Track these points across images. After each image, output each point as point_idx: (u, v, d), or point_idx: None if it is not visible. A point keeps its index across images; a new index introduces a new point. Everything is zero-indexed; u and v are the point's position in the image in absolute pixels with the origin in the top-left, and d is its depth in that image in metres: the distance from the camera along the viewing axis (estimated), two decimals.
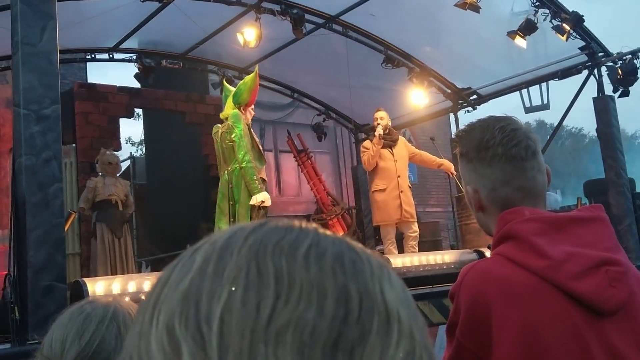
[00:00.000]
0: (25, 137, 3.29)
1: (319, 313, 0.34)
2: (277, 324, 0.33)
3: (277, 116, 11.56)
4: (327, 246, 0.38)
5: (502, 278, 1.13)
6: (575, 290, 1.09)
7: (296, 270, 0.36)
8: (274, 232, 0.38)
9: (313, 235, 0.39)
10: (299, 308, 0.34)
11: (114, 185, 6.82)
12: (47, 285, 3.20)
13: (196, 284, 0.36)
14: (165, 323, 0.35)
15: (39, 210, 3.25)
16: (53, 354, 0.97)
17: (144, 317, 0.37)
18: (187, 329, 0.34)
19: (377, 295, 0.36)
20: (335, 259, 0.37)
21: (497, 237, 1.20)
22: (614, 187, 6.63)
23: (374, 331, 0.35)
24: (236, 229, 0.40)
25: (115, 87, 8.79)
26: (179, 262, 0.39)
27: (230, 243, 0.38)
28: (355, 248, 0.40)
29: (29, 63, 3.36)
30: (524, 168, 1.23)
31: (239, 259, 0.36)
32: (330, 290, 0.35)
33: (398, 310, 0.37)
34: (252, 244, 0.37)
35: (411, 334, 0.37)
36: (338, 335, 0.34)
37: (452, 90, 8.39)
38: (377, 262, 0.39)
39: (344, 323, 0.34)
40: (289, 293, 0.34)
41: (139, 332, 0.37)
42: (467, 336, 1.13)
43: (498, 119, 1.28)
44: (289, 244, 0.37)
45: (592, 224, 1.19)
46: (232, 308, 0.34)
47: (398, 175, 6.30)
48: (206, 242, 0.39)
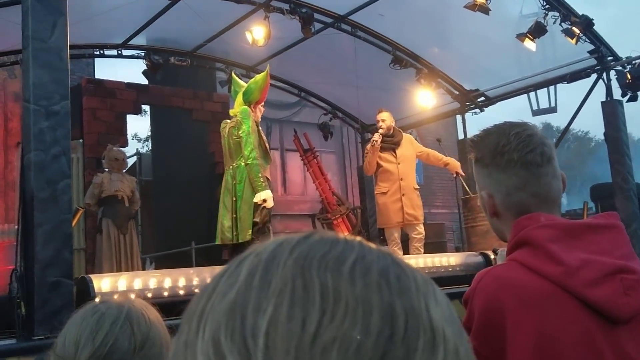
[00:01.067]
0: (35, 132, 3.29)
1: (365, 331, 0.34)
2: (323, 341, 0.33)
3: (283, 115, 11.56)
4: (372, 261, 0.38)
5: (517, 284, 1.13)
6: (590, 298, 1.08)
7: (342, 285, 0.35)
8: (319, 245, 0.38)
9: (359, 250, 0.38)
10: (344, 325, 0.34)
11: (120, 182, 6.84)
12: (54, 281, 3.20)
13: (242, 296, 0.36)
14: (211, 335, 0.35)
15: (47, 206, 3.26)
16: (67, 353, 0.97)
17: (190, 327, 0.37)
18: (234, 342, 0.34)
19: (422, 313, 0.36)
20: (380, 274, 0.37)
21: (513, 243, 1.20)
22: (620, 191, 6.61)
23: (420, 350, 0.34)
24: (282, 241, 0.39)
25: (123, 83, 8.81)
26: (225, 272, 0.39)
27: (276, 255, 0.38)
28: (400, 263, 0.39)
29: (40, 59, 3.37)
30: (539, 174, 1.23)
31: (285, 272, 0.36)
32: (376, 307, 0.35)
33: (444, 329, 0.36)
34: (298, 257, 0.37)
35: (456, 352, 0.36)
36: (383, 354, 0.33)
37: (459, 91, 8.38)
38: (422, 278, 0.39)
39: (390, 342, 0.34)
40: (335, 309, 0.34)
41: (184, 341, 0.37)
42: (481, 341, 1.12)
43: (514, 125, 1.27)
44: (334, 258, 0.37)
45: (608, 232, 1.18)
46: (277, 323, 0.34)
47: (400, 178, 6.25)
48: (252, 253, 0.39)
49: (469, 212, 6.81)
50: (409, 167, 6.37)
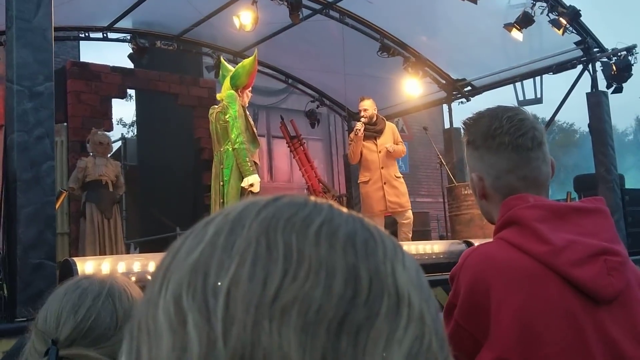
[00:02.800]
0: (18, 113, 3.25)
1: (326, 292, 0.33)
2: (283, 301, 0.33)
3: (270, 101, 11.51)
4: (340, 224, 0.37)
5: (502, 262, 1.14)
6: (574, 277, 1.10)
7: (306, 247, 0.35)
8: (286, 208, 0.38)
9: (327, 213, 0.38)
10: (306, 286, 0.33)
11: (105, 166, 6.78)
12: (37, 263, 3.18)
13: (206, 256, 0.36)
14: (173, 293, 0.35)
15: (30, 187, 3.22)
16: (48, 328, 0.96)
17: (154, 285, 0.37)
18: (194, 300, 0.34)
19: (388, 277, 0.36)
20: (347, 237, 0.36)
21: (501, 222, 1.22)
22: (603, 182, 6.68)
23: (383, 314, 0.34)
24: (250, 203, 0.39)
25: (108, 66, 8.71)
26: (192, 233, 0.39)
27: (242, 216, 0.37)
28: (369, 228, 0.39)
29: (23, 38, 3.32)
30: (529, 158, 1.25)
31: (250, 233, 0.36)
32: (339, 269, 0.34)
33: (409, 294, 0.36)
34: (264, 219, 0.37)
35: (421, 317, 0.36)
36: (344, 315, 0.33)
37: (446, 80, 8.40)
38: (391, 243, 0.38)
39: (352, 304, 0.34)
40: (297, 270, 0.34)
41: (147, 300, 0.37)
42: (466, 318, 1.14)
43: (507, 109, 1.29)
44: (301, 220, 0.37)
45: (594, 215, 1.20)
46: (239, 282, 0.34)
47: (381, 167, 6.25)
48: (220, 215, 0.39)
49: (454, 200, 6.84)
50: (390, 155, 6.34)
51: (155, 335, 0.34)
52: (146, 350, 0.34)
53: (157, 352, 0.34)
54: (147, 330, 0.35)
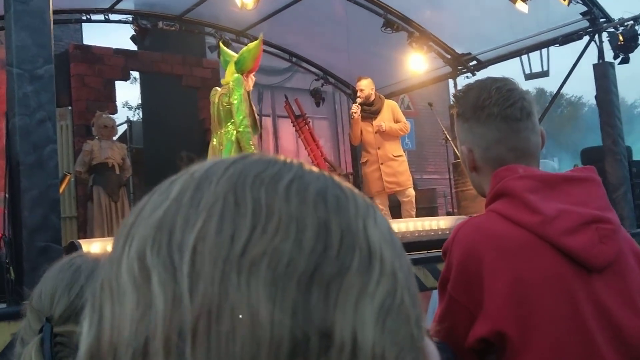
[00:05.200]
0: (19, 97, 3.26)
1: (297, 246, 0.33)
2: (252, 254, 0.32)
3: (275, 81, 11.47)
4: (310, 181, 0.37)
5: (494, 233, 1.14)
6: (566, 246, 1.10)
7: (275, 202, 0.34)
8: (255, 165, 0.37)
9: (297, 170, 0.37)
10: (275, 239, 0.33)
11: (110, 149, 6.81)
12: (43, 246, 3.20)
13: (171, 213, 0.35)
14: (136, 250, 0.34)
15: (34, 171, 3.24)
16: (42, 306, 0.97)
17: (117, 245, 0.36)
18: (159, 256, 0.33)
19: (359, 233, 0.35)
20: (318, 193, 0.36)
21: (491, 194, 1.21)
22: (610, 154, 6.63)
23: (354, 268, 0.34)
24: (216, 161, 0.38)
25: (111, 49, 8.68)
26: (156, 191, 0.38)
27: (209, 174, 0.37)
28: (340, 185, 0.38)
29: (21, 21, 3.31)
30: (518, 129, 1.24)
31: (217, 189, 0.35)
32: (310, 224, 0.34)
33: (381, 249, 0.36)
34: (232, 175, 0.36)
35: (393, 273, 0.36)
36: (315, 269, 0.32)
37: (451, 55, 8.31)
38: (363, 201, 0.38)
39: (322, 257, 0.33)
40: (266, 224, 0.33)
41: (111, 259, 0.36)
42: (459, 290, 1.14)
43: (496, 80, 1.28)
44: (270, 176, 0.36)
45: (585, 184, 1.20)
46: (205, 237, 0.33)
47: (377, 147, 6.23)
48: (185, 173, 0.38)
49: (460, 176, 6.82)
50: (387, 135, 6.28)
51: (118, 293, 0.34)
52: (109, 309, 0.34)
53: (120, 310, 0.33)
54: (109, 289, 0.34)
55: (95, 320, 0.35)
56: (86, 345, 0.35)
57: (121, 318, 0.33)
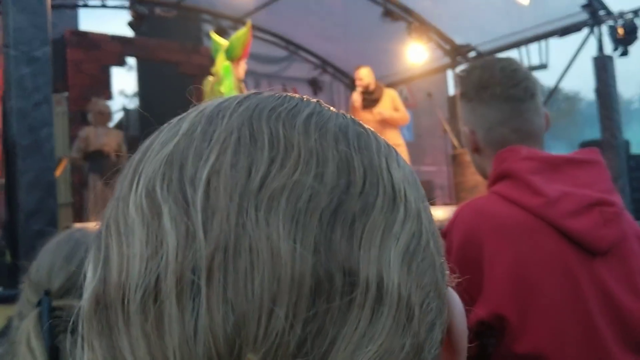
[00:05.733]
0: (16, 79, 3.23)
1: (318, 181, 0.31)
2: (270, 188, 0.30)
3: (272, 69, 11.41)
4: (330, 117, 0.35)
5: (495, 215, 1.13)
6: (569, 228, 1.08)
7: (294, 136, 0.32)
8: (270, 99, 0.35)
9: (315, 105, 0.35)
10: (295, 173, 0.31)
11: (106, 135, 6.77)
12: (39, 230, 3.19)
13: (181, 147, 0.33)
14: (145, 186, 0.32)
15: (30, 153, 3.22)
16: (40, 279, 0.96)
17: (123, 183, 0.34)
18: (170, 191, 0.31)
19: (383, 171, 0.33)
20: (339, 128, 0.34)
21: (494, 175, 1.20)
22: (609, 147, 6.63)
23: (378, 206, 0.32)
24: (228, 97, 0.36)
25: (107, 35, 8.63)
26: (163, 129, 0.36)
27: (221, 108, 0.35)
28: (361, 124, 0.36)
29: (19, 3, 3.28)
30: (520, 110, 1.22)
31: (230, 123, 0.33)
32: (331, 159, 0.32)
33: (406, 190, 0.34)
34: (246, 109, 0.34)
35: (418, 215, 0.34)
36: (338, 205, 0.31)
37: (450, 46, 8.29)
38: (384, 141, 0.36)
39: (346, 193, 0.31)
40: (285, 158, 0.31)
41: (117, 197, 0.34)
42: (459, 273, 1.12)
43: (499, 60, 1.26)
44: (287, 110, 0.34)
45: (588, 166, 1.18)
46: (220, 170, 0.31)
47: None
48: (194, 111, 0.36)
49: (458, 167, 6.82)
50: (387, 123, 6.24)
51: (126, 232, 0.31)
52: (116, 249, 0.32)
53: (128, 249, 0.31)
54: (116, 229, 0.32)
55: (100, 262, 0.32)
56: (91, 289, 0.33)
57: (130, 257, 0.31)
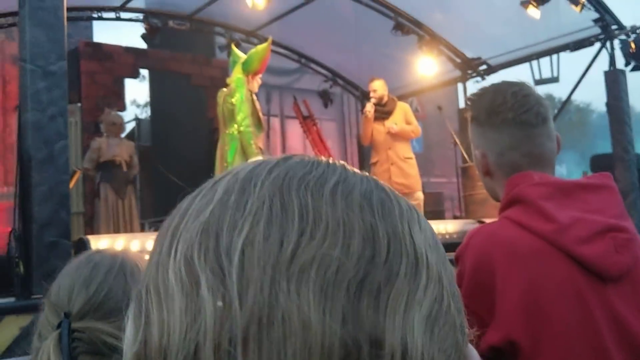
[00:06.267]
0: (32, 92, 3.27)
1: (345, 252, 0.32)
2: (301, 260, 0.32)
3: (283, 81, 11.47)
4: (355, 183, 0.36)
5: (508, 240, 1.13)
6: (581, 255, 1.09)
7: (322, 206, 0.34)
8: (299, 167, 0.37)
9: (341, 172, 0.37)
10: (324, 245, 0.32)
11: (118, 146, 6.82)
12: (52, 241, 3.22)
13: (217, 216, 0.34)
14: (183, 254, 0.34)
15: (45, 166, 3.25)
16: (60, 301, 0.98)
17: (162, 247, 0.36)
18: (207, 260, 0.33)
19: (406, 237, 0.35)
20: (363, 197, 0.35)
21: (505, 200, 1.20)
22: (620, 162, 6.60)
23: (402, 274, 0.33)
24: (259, 162, 0.38)
25: (121, 47, 8.72)
26: (199, 193, 0.38)
27: (253, 175, 0.36)
28: (384, 188, 0.38)
29: (36, 18, 3.33)
30: (533, 135, 1.22)
31: (262, 192, 0.35)
32: (357, 229, 0.33)
33: (427, 255, 0.35)
34: (276, 177, 0.36)
35: (439, 279, 0.35)
36: (364, 276, 0.32)
37: (461, 59, 8.30)
38: (406, 204, 0.38)
39: (371, 264, 0.33)
40: (314, 229, 0.33)
41: (156, 262, 0.35)
42: (471, 298, 1.13)
43: (511, 84, 1.26)
44: (315, 179, 0.35)
45: (600, 191, 1.18)
46: (253, 241, 0.32)
47: (388, 148, 6.23)
48: (228, 174, 0.38)
49: (468, 180, 6.81)
50: (399, 136, 6.28)
51: (166, 297, 0.33)
52: (156, 314, 0.33)
53: (168, 315, 0.33)
54: (156, 293, 0.34)
55: (141, 324, 0.34)
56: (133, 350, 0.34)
57: (170, 324, 0.32)
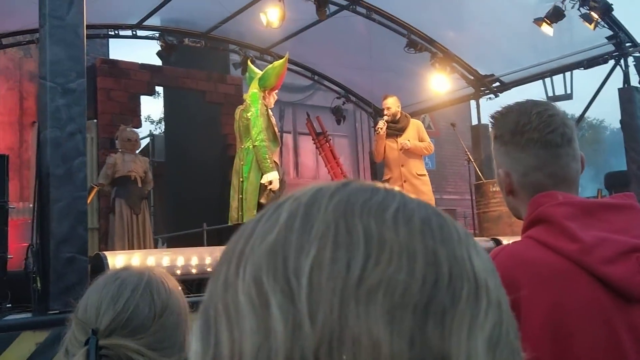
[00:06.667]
0: (51, 109, 3.32)
1: (410, 275, 0.33)
2: (368, 284, 0.33)
3: (296, 98, 11.54)
4: (414, 209, 0.37)
5: (532, 261, 1.12)
6: (605, 275, 1.08)
7: (385, 231, 0.35)
8: (360, 192, 0.38)
9: (400, 198, 0.38)
10: (389, 269, 0.33)
11: (133, 162, 6.88)
12: (69, 257, 3.24)
13: (283, 238, 0.35)
14: (252, 276, 0.35)
15: (63, 182, 3.29)
16: (88, 318, 0.99)
17: (229, 269, 0.37)
18: (276, 282, 0.34)
19: (466, 262, 0.36)
20: (423, 222, 0.36)
21: (529, 220, 1.20)
22: (635, 179, 6.56)
23: (464, 298, 0.34)
24: (319, 187, 0.39)
25: (137, 64, 8.82)
26: (263, 216, 0.39)
27: (316, 199, 0.37)
28: (441, 213, 0.39)
29: (56, 36, 3.38)
30: (558, 155, 1.22)
31: (326, 216, 0.36)
32: (420, 253, 0.34)
33: (486, 279, 0.36)
34: (339, 202, 0.37)
35: (499, 304, 0.36)
36: (429, 299, 0.33)
37: (474, 76, 8.31)
38: (462, 229, 0.39)
39: (435, 288, 0.34)
40: (379, 254, 0.34)
41: (224, 282, 0.36)
42: None
43: (536, 104, 1.26)
44: (376, 205, 0.37)
45: (625, 211, 1.18)
46: (321, 264, 0.34)
47: (401, 165, 6.24)
48: (290, 198, 0.39)
49: (482, 197, 6.78)
50: (412, 153, 6.30)
51: (237, 317, 0.34)
52: (226, 333, 0.34)
53: (240, 334, 0.34)
54: (226, 313, 0.35)
55: (210, 343, 0.35)
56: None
57: (241, 342, 0.33)
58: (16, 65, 9.60)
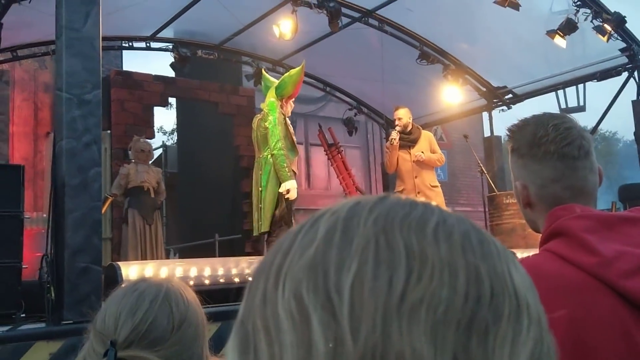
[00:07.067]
0: (67, 120, 3.35)
1: (452, 292, 0.33)
2: (411, 300, 0.32)
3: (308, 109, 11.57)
4: (453, 224, 0.37)
5: (550, 274, 1.12)
6: (626, 289, 1.07)
7: (426, 246, 0.35)
8: (398, 207, 0.37)
9: (439, 213, 0.38)
10: (431, 285, 0.33)
11: (146, 173, 6.92)
12: (83, 267, 3.26)
13: (322, 253, 0.35)
14: (292, 291, 0.34)
15: (78, 193, 3.31)
16: (106, 329, 0.99)
17: (267, 283, 0.36)
18: (317, 297, 0.33)
19: (506, 278, 0.35)
20: (463, 237, 0.36)
21: (547, 233, 1.19)
22: None
23: (506, 315, 0.34)
24: (357, 200, 0.39)
25: (150, 75, 8.90)
26: (300, 231, 0.38)
27: (354, 214, 0.37)
28: (479, 229, 0.39)
29: (73, 48, 3.42)
30: (575, 167, 1.22)
31: (366, 231, 0.35)
32: (461, 269, 0.34)
33: (526, 295, 0.36)
34: (378, 217, 0.36)
35: (539, 321, 0.36)
36: (472, 316, 0.33)
37: (487, 88, 8.30)
38: (500, 244, 0.39)
39: (477, 304, 0.33)
40: (421, 270, 0.33)
41: (262, 297, 0.36)
42: None
43: (553, 116, 1.26)
44: (416, 220, 0.36)
45: None
46: (363, 280, 0.33)
47: (415, 176, 6.23)
48: (327, 212, 0.38)
49: (495, 209, 6.74)
50: (424, 164, 6.29)
51: (277, 332, 0.34)
52: (266, 348, 0.34)
53: (280, 349, 0.33)
54: (265, 328, 0.35)
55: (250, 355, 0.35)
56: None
57: (282, 358, 0.33)
58: (31, 77, 9.70)
